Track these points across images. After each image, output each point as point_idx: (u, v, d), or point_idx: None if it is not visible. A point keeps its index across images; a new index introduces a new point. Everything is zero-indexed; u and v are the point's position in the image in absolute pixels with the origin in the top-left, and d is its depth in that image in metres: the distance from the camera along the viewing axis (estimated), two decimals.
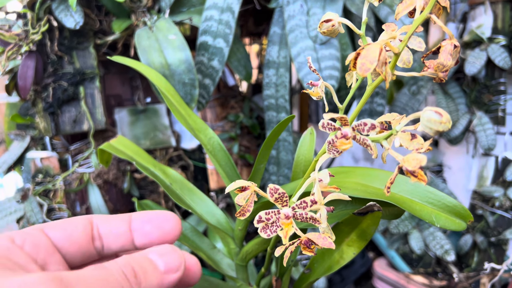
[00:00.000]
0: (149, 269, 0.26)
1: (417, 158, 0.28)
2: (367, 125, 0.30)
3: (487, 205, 1.02)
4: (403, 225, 1.05)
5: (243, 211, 0.35)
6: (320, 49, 0.71)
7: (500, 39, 0.98)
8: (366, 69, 0.28)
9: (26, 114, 0.84)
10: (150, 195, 0.88)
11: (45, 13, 0.75)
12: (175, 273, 0.27)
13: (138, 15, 0.79)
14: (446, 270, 1.04)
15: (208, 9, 0.76)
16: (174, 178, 0.59)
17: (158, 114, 0.91)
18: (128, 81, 0.91)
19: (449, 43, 0.30)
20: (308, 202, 0.33)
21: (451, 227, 0.40)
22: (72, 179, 0.82)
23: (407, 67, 0.35)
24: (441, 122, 0.28)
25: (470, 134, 1.07)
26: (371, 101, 0.88)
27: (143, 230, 0.30)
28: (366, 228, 0.46)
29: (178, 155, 0.91)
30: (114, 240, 0.29)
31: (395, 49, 0.31)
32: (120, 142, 0.61)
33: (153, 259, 0.27)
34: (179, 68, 0.71)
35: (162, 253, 0.27)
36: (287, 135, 0.83)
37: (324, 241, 0.33)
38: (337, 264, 0.49)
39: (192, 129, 0.56)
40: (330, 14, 0.35)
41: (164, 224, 0.30)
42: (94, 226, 0.29)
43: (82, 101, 0.80)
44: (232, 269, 0.59)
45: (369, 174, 0.47)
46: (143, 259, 0.26)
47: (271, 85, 0.81)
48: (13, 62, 0.77)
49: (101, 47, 0.83)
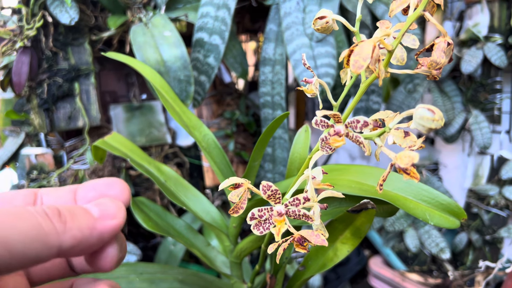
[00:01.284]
0: (78, 212, 0.24)
1: (409, 156, 0.28)
2: (360, 122, 0.30)
3: (482, 203, 1.02)
4: (398, 223, 1.05)
5: (236, 208, 0.35)
6: (316, 46, 0.71)
7: (497, 38, 0.98)
8: (359, 66, 0.28)
9: (21, 110, 0.84)
10: (145, 192, 0.88)
11: (40, 9, 0.74)
12: (112, 219, 0.25)
13: (133, 11, 0.79)
14: (441, 268, 1.04)
15: (204, 5, 0.75)
16: (169, 175, 0.59)
17: (154, 111, 0.91)
18: (124, 77, 0.90)
19: (443, 41, 0.30)
20: (301, 199, 0.33)
21: (445, 225, 0.40)
22: (67, 176, 0.82)
23: (401, 64, 0.35)
24: (433, 120, 0.28)
25: (466, 133, 1.07)
26: (367, 98, 0.88)
27: (87, 197, 0.28)
28: (360, 225, 0.46)
29: (173, 152, 0.91)
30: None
31: (388, 46, 0.31)
32: (114, 139, 0.60)
33: (86, 207, 0.25)
34: (174, 64, 0.71)
35: (98, 203, 0.26)
36: (283, 132, 0.83)
37: (317, 238, 0.33)
38: (331, 262, 0.49)
39: (186, 126, 0.55)
40: (324, 11, 0.35)
41: (109, 190, 0.29)
42: (38, 196, 0.28)
43: (77, 97, 0.80)
44: (227, 267, 0.59)
45: (363, 171, 0.47)
46: (75, 206, 0.25)
47: (267, 82, 0.81)
48: (7, 58, 0.76)
49: (96, 43, 0.83)
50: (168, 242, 0.86)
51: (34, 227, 0.21)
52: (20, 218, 0.21)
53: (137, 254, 0.81)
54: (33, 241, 0.21)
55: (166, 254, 0.86)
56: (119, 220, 0.26)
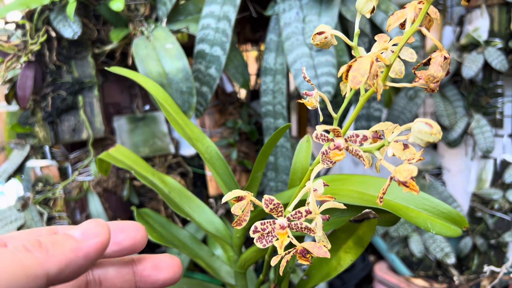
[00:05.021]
0: (60, 238, 0.25)
1: (408, 169, 0.28)
2: (359, 137, 0.30)
3: (487, 207, 1.02)
4: (403, 228, 1.05)
5: (239, 221, 0.36)
6: (316, 55, 0.72)
7: (497, 42, 0.98)
8: (358, 82, 0.28)
9: (25, 123, 0.85)
10: (150, 202, 0.89)
11: (43, 24, 0.75)
12: (95, 238, 0.26)
13: (135, 24, 0.80)
14: (447, 273, 1.04)
15: (205, 17, 0.76)
16: (173, 187, 0.59)
17: (157, 122, 0.92)
18: (127, 89, 0.91)
19: (439, 55, 0.31)
20: (303, 212, 0.33)
21: (447, 233, 0.41)
22: (71, 188, 0.82)
23: (399, 77, 0.35)
24: (431, 134, 0.28)
25: (468, 137, 1.07)
26: (368, 106, 0.88)
27: (115, 239, 0.29)
28: (363, 235, 0.46)
29: (177, 162, 0.92)
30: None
31: (386, 61, 0.31)
32: (118, 151, 0.61)
33: (68, 232, 0.26)
34: (176, 76, 0.72)
35: (80, 226, 0.26)
36: (285, 141, 0.83)
37: (320, 250, 0.33)
38: (335, 271, 0.49)
39: (189, 138, 0.56)
40: (323, 27, 0.36)
41: (134, 233, 0.30)
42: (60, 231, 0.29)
43: (81, 110, 0.80)
44: (231, 276, 0.59)
45: (365, 181, 0.48)
46: (58, 235, 0.25)
47: (268, 91, 0.82)
48: (12, 72, 0.78)
49: (99, 56, 0.84)
50: (173, 252, 0.87)
51: (14, 263, 0.21)
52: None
53: None
54: (16, 277, 0.21)
55: None
56: (103, 237, 0.26)
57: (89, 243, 0.25)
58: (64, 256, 0.24)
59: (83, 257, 0.25)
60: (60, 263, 0.23)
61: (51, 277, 0.23)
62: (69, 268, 0.24)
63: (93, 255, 0.25)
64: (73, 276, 0.25)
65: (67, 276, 0.24)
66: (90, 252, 0.25)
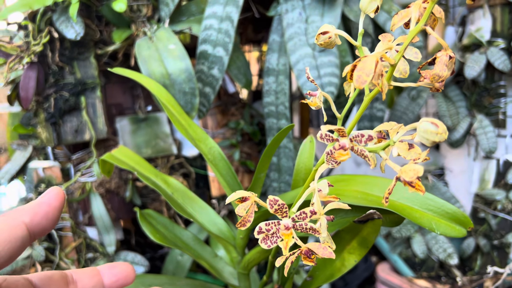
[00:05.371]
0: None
1: (414, 169, 0.28)
2: (365, 137, 0.30)
3: (490, 208, 1.01)
4: (405, 229, 1.05)
5: (243, 222, 0.35)
6: (319, 56, 0.72)
7: (499, 42, 0.98)
8: (363, 81, 0.28)
9: (28, 124, 0.85)
10: (152, 203, 0.89)
11: (46, 25, 0.76)
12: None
13: (138, 25, 0.80)
14: (449, 274, 1.03)
15: (207, 18, 0.76)
16: (176, 188, 0.59)
17: (159, 122, 0.92)
18: (129, 90, 0.91)
19: (445, 54, 0.31)
20: (307, 213, 0.33)
21: (452, 234, 0.41)
22: (74, 189, 0.82)
23: (404, 77, 0.35)
24: (437, 133, 0.28)
25: (471, 137, 1.07)
26: (370, 106, 0.88)
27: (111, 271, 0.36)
28: (367, 235, 0.46)
29: (179, 162, 0.92)
30: (87, 282, 0.34)
31: (391, 60, 0.31)
32: (121, 152, 0.61)
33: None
34: (179, 77, 0.72)
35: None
36: (288, 141, 0.83)
37: (324, 251, 0.33)
38: (338, 272, 0.49)
39: (192, 139, 0.56)
40: (327, 27, 0.35)
41: (125, 268, 0.36)
42: (69, 273, 0.34)
43: (83, 111, 0.80)
44: (234, 278, 0.59)
45: (369, 182, 0.47)
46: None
47: (271, 92, 0.81)
48: (14, 73, 0.78)
49: (101, 57, 0.84)
50: (176, 253, 0.87)
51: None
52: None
53: (144, 265, 0.81)
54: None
55: (173, 264, 0.86)
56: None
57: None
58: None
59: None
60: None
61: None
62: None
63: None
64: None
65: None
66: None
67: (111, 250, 0.82)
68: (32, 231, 0.29)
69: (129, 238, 0.96)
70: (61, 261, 0.78)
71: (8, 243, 0.27)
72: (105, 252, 0.82)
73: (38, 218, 0.30)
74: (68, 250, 0.79)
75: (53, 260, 0.77)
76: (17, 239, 0.28)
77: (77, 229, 0.82)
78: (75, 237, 0.81)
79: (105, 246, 0.83)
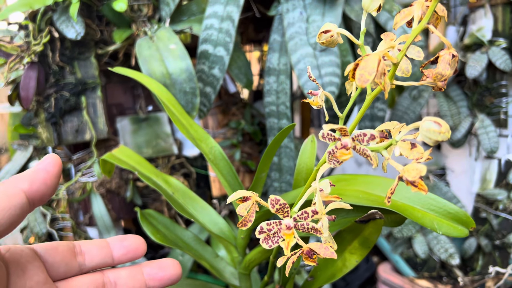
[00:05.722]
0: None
1: (417, 168, 0.28)
2: (367, 136, 0.30)
3: (491, 208, 1.01)
4: (407, 229, 1.04)
5: (244, 222, 0.35)
6: (320, 55, 0.72)
7: (501, 42, 0.98)
8: (365, 80, 0.28)
9: (28, 124, 0.85)
10: (153, 203, 0.88)
11: (46, 24, 0.75)
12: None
13: (138, 25, 0.79)
14: (451, 274, 1.03)
15: (208, 18, 0.76)
16: (176, 187, 0.59)
17: (160, 122, 0.91)
18: (130, 89, 0.91)
19: (447, 53, 0.30)
20: (309, 213, 0.33)
21: (454, 234, 0.40)
22: (75, 189, 0.82)
23: (406, 76, 0.35)
24: (440, 132, 0.28)
25: (472, 137, 1.06)
26: (372, 106, 0.88)
27: (123, 243, 0.35)
28: (369, 235, 0.46)
29: (180, 162, 0.92)
30: (96, 253, 0.34)
31: (393, 59, 0.31)
32: (122, 152, 0.61)
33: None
34: (180, 77, 0.72)
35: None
36: (289, 141, 0.83)
37: (326, 251, 0.33)
38: (340, 272, 0.49)
39: (193, 138, 0.56)
40: (329, 25, 0.35)
41: (136, 240, 0.36)
42: (77, 244, 0.34)
43: (84, 111, 0.80)
44: (235, 278, 0.59)
45: (370, 181, 0.47)
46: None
47: (272, 92, 0.81)
48: (15, 72, 0.77)
49: (102, 57, 0.84)
50: (177, 253, 0.86)
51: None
52: None
53: None
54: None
55: None
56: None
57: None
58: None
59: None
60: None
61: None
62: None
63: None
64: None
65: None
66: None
67: None
68: (31, 198, 0.29)
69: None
70: None
71: (8, 211, 0.27)
72: None
73: (36, 184, 0.30)
74: None
75: None
76: (16, 206, 0.28)
77: (78, 229, 0.82)
78: (75, 237, 0.81)
79: None
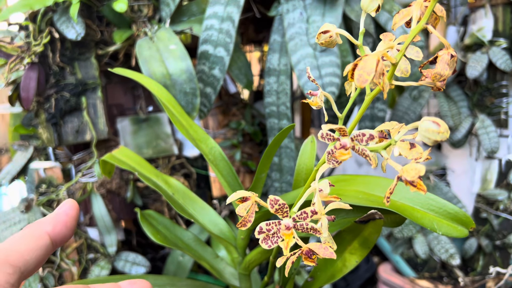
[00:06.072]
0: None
1: (415, 168, 0.28)
2: (366, 136, 0.30)
3: (492, 208, 1.01)
4: (407, 229, 1.04)
5: (244, 222, 0.35)
6: (320, 56, 0.72)
7: (501, 42, 0.98)
8: (364, 80, 0.28)
9: (29, 124, 0.85)
10: (153, 203, 0.88)
11: (46, 25, 0.75)
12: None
13: (139, 25, 0.79)
14: (452, 274, 1.03)
15: (208, 18, 0.76)
16: (176, 188, 0.59)
17: (160, 123, 0.91)
18: (130, 90, 0.91)
19: (446, 53, 0.30)
20: (308, 213, 0.33)
21: (453, 234, 0.40)
22: (75, 189, 0.82)
23: (405, 76, 0.35)
24: (439, 132, 0.28)
25: (473, 137, 1.06)
26: (372, 106, 0.88)
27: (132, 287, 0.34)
28: (368, 236, 0.46)
29: (180, 163, 0.92)
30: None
31: (392, 59, 0.31)
32: (122, 153, 0.61)
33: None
34: (180, 77, 0.72)
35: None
36: (289, 141, 0.83)
37: (325, 251, 0.33)
38: (340, 272, 0.49)
39: (193, 139, 0.56)
40: (328, 26, 0.35)
41: (144, 285, 0.34)
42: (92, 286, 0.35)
43: (84, 111, 0.80)
44: (235, 278, 0.59)
45: (370, 182, 0.47)
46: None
47: (272, 92, 0.81)
48: (15, 73, 0.78)
49: (102, 57, 0.84)
50: (177, 253, 0.87)
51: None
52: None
53: (146, 265, 0.81)
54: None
55: (174, 265, 0.86)
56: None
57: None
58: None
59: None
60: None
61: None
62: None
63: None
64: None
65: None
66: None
67: (112, 251, 0.82)
68: (54, 239, 0.31)
69: (130, 239, 0.96)
70: (62, 261, 0.78)
71: (35, 252, 0.29)
72: (106, 252, 0.82)
73: (59, 227, 0.32)
74: (69, 251, 0.79)
75: (54, 261, 0.77)
76: (42, 247, 0.30)
77: (78, 230, 0.82)
78: (76, 238, 0.81)
79: (106, 247, 0.83)
